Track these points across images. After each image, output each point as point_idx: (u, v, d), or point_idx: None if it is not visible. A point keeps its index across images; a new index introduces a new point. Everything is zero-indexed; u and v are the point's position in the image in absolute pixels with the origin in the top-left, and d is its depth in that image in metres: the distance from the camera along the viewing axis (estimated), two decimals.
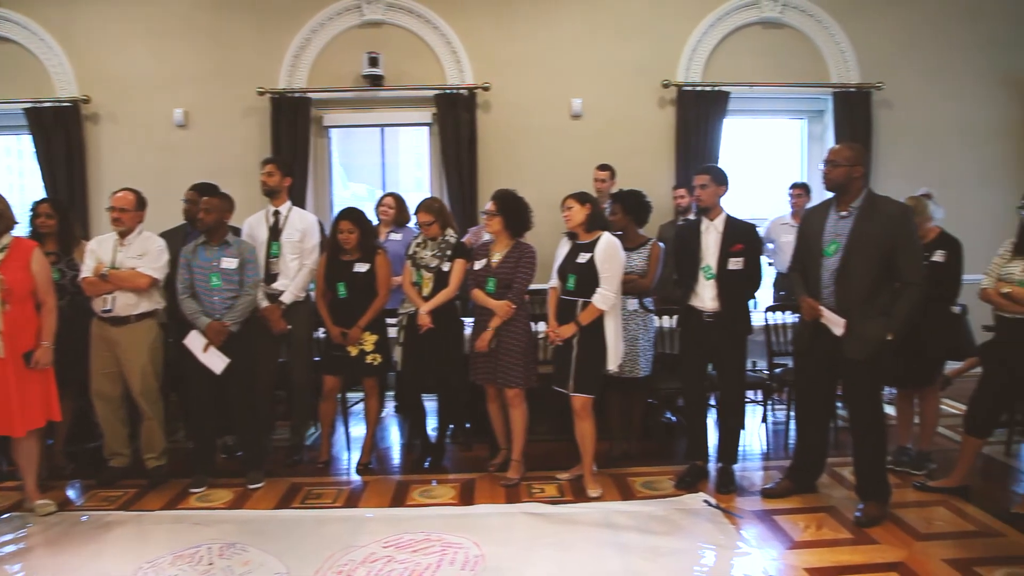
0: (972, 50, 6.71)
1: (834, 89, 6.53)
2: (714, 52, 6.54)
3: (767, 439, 4.93)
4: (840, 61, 6.60)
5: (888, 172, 6.54)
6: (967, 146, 6.74)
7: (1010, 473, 4.39)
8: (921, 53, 6.66)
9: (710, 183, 3.94)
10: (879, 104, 6.59)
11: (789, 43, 6.61)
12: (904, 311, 3.45)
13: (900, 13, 6.62)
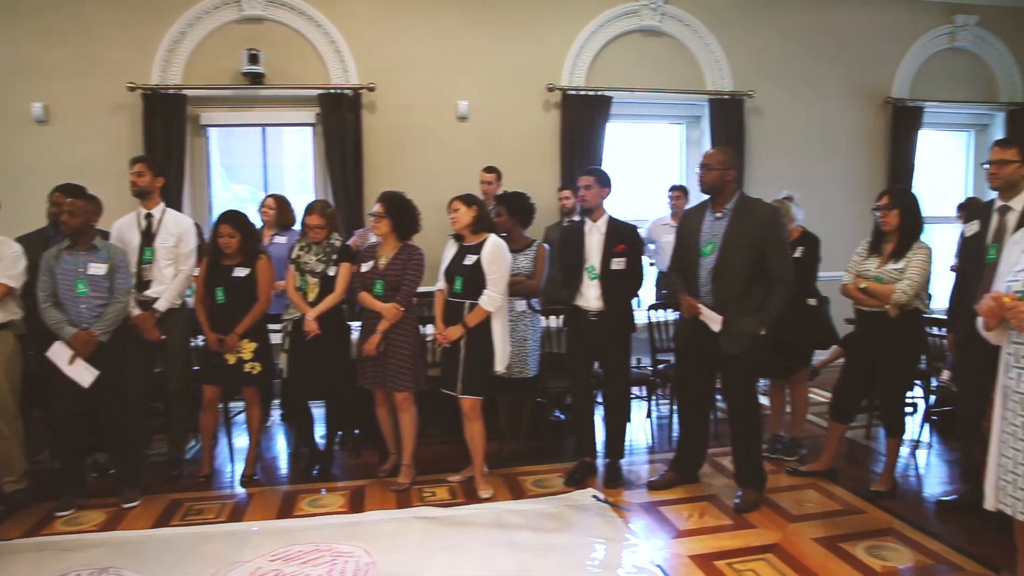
0: (835, 63, 7.20)
1: (709, 96, 6.84)
2: (597, 58, 6.70)
3: (652, 433, 5.11)
4: (715, 69, 6.92)
5: (759, 175, 6.91)
6: (830, 152, 7.22)
7: (870, 455, 4.73)
8: (789, 65, 7.09)
9: (594, 185, 4.03)
10: (751, 111, 6.95)
11: (668, 51, 6.87)
12: (775, 307, 3.65)
13: (770, 26, 7.02)
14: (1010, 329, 2.14)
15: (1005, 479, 2.16)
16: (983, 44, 7.55)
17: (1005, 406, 2.17)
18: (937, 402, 4.95)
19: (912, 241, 3.78)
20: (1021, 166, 3.23)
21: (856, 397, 4.18)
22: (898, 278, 3.73)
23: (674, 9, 6.76)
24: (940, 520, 3.69)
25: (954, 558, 3.24)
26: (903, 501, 3.92)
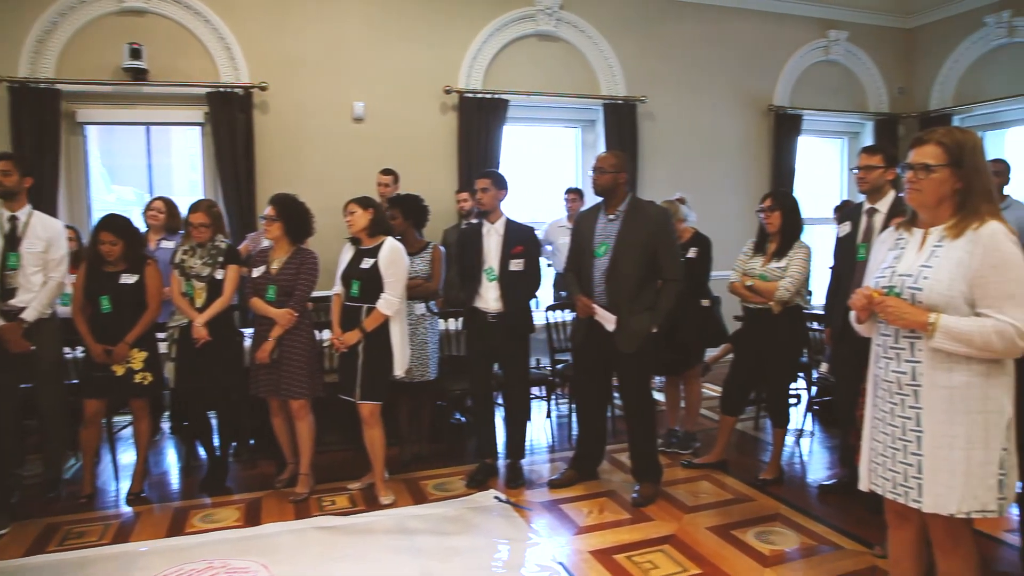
0: (722, 72, 7.52)
1: (604, 101, 7.00)
2: (494, 61, 6.73)
3: (552, 432, 5.17)
4: (609, 75, 7.09)
5: (652, 178, 7.13)
6: (718, 156, 7.53)
7: (758, 445, 4.96)
8: (679, 72, 7.35)
9: (491, 187, 4.05)
10: (643, 116, 7.16)
11: (563, 56, 6.99)
12: (666, 305, 3.77)
13: (661, 35, 7.26)
14: (878, 322, 2.28)
15: (876, 461, 2.30)
16: (853, 58, 8.07)
17: (875, 393, 2.31)
18: (818, 393, 5.24)
19: (793, 241, 3.99)
20: (885, 171, 3.46)
21: (744, 391, 4.37)
22: (781, 276, 3.93)
23: (569, 15, 6.88)
24: (822, 503, 3.91)
25: (834, 538, 3.44)
26: (789, 487, 4.14)
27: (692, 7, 7.34)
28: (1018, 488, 2.34)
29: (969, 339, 2.04)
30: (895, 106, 8.25)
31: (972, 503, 2.10)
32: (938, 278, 2.11)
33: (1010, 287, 2.04)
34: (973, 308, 2.08)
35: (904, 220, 2.33)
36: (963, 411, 2.10)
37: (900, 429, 2.21)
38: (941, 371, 2.12)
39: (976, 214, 2.12)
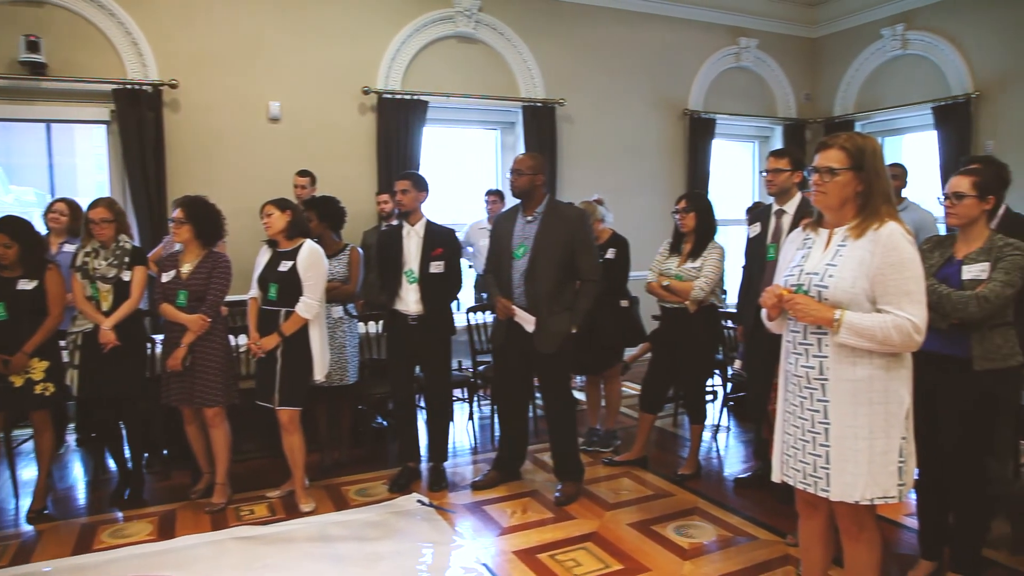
0: (639, 76, 7.68)
1: (523, 103, 7.04)
2: (413, 62, 6.68)
3: (475, 434, 5.16)
4: (528, 77, 7.13)
5: (571, 180, 7.22)
6: (635, 158, 7.68)
7: (677, 441, 5.08)
8: (597, 76, 7.45)
9: (411, 189, 4.02)
10: (562, 119, 7.24)
11: (483, 58, 6.99)
12: (585, 306, 3.82)
13: (578, 38, 7.35)
14: (788, 319, 2.38)
15: (788, 453, 2.39)
16: (763, 65, 8.37)
17: (786, 388, 2.41)
18: (733, 389, 5.41)
19: (707, 241, 4.10)
20: (792, 174, 3.61)
21: (663, 388, 4.47)
22: (696, 276, 4.03)
23: (488, 17, 6.90)
24: (738, 496, 4.04)
25: (750, 529, 3.56)
26: (706, 481, 4.26)
27: (609, 12, 7.47)
28: (915, 475, 2.47)
29: (871, 334, 2.14)
30: (802, 111, 8.61)
31: (875, 490, 2.21)
32: (842, 276, 2.21)
33: (907, 285, 2.15)
34: (874, 304, 2.19)
35: (811, 221, 2.43)
36: (866, 403, 2.21)
37: (809, 422, 2.30)
38: (846, 365, 2.22)
39: (876, 215, 2.23)
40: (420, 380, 4.40)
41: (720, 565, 3.21)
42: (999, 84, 6.85)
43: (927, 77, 7.45)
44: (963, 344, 2.69)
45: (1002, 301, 2.61)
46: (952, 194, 2.76)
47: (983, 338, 2.67)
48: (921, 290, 2.18)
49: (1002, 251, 2.68)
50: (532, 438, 4.58)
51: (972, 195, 2.72)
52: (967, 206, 2.74)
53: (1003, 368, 2.68)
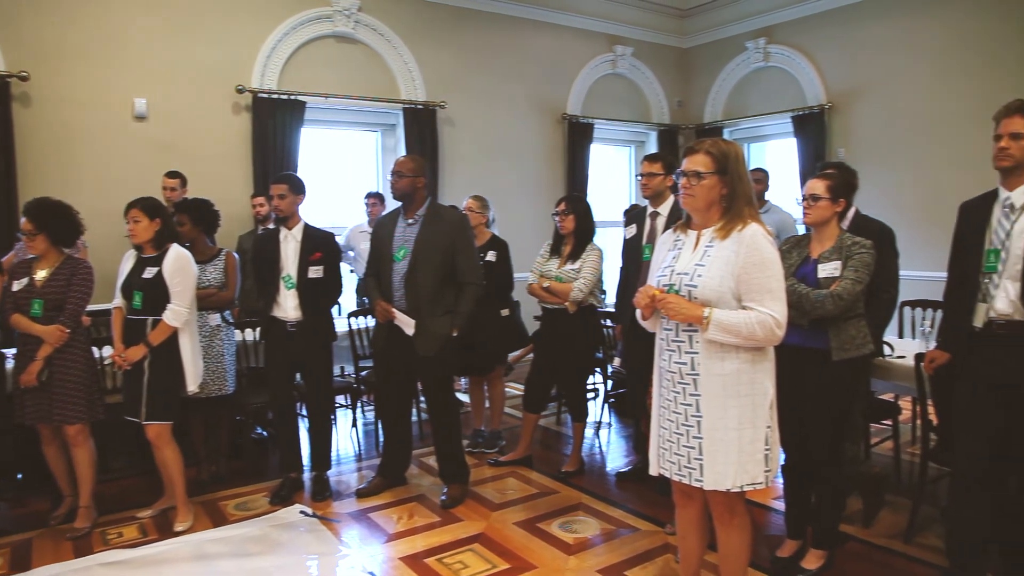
0: (519, 80, 7.77)
1: (404, 105, 6.98)
2: (290, 61, 6.49)
3: (359, 441, 5.06)
4: (409, 79, 7.08)
5: (452, 183, 7.22)
6: (516, 162, 7.78)
7: (561, 439, 5.18)
8: (478, 79, 7.50)
9: (287, 193, 3.91)
10: (443, 121, 7.24)
11: (363, 58, 6.88)
12: (465, 308, 3.83)
13: (460, 42, 7.36)
14: (661, 318, 2.47)
15: (663, 447, 2.49)
16: (638, 72, 8.68)
17: (661, 384, 2.50)
18: (613, 386, 5.57)
19: (586, 243, 4.21)
20: (665, 178, 3.76)
21: (545, 388, 4.54)
22: (575, 277, 4.13)
23: (367, 17, 6.80)
24: (620, 489, 4.16)
25: (632, 521, 3.68)
26: (589, 477, 4.36)
27: (490, 16, 7.54)
28: (781, 460, 2.63)
29: (737, 330, 2.26)
30: (675, 118, 8.98)
31: (744, 477, 2.33)
32: (710, 275, 2.32)
33: (769, 283, 2.29)
34: (740, 302, 2.31)
35: (680, 223, 2.55)
36: (734, 395, 2.33)
37: (683, 415, 2.40)
38: (715, 360, 2.33)
39: (740, 217, 2.35)
40: (301, 388, 4.28)
41: (604, 558, 3.30)
42: (849, 97, 7.39)
43: (787, 88, 7.95)
44: (822, 337, 2.90)
45: (854, 297, 2.85)
46: (809, 196, 3.00)
47: (839, 331, 2.89)
48: (781, 287, 2.32)
49: (851, 249, 2.91)
50: (417, 442, 4.55)
51: (826, 197, 2.96)
52: (822, 207, 2.97)
53: (857, 357, 2.92)
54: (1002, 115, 2.65)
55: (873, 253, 2.91)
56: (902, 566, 3.18)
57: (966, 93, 6.36)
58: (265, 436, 5.10)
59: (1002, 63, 6.18)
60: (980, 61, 6.34)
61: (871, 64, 7.18)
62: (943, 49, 6.61)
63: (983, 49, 6.34)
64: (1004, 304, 2.61)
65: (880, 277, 3.17)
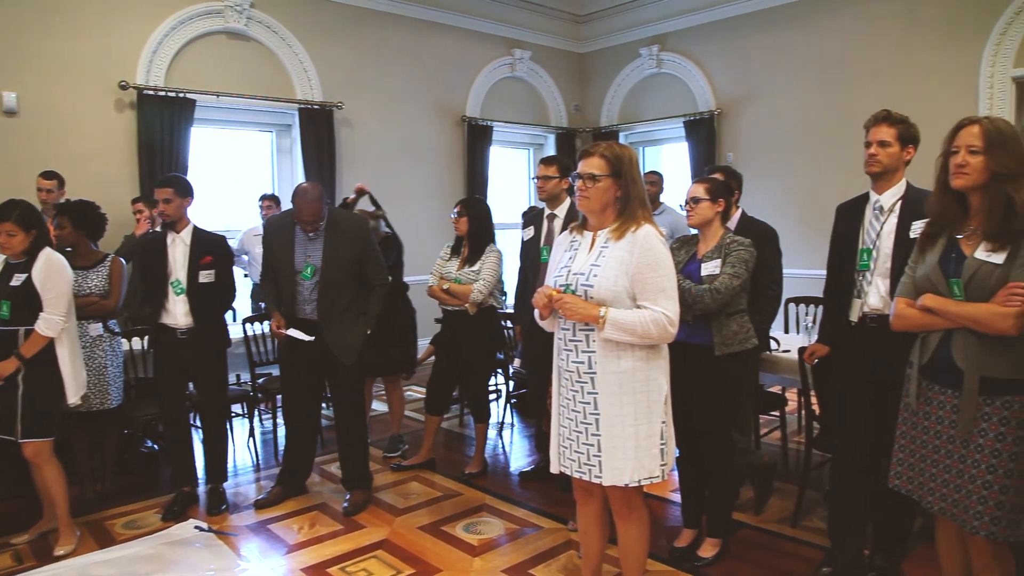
0: (418, 81, 7.72)
1: (299, 105, 6.81)
2: (178, 56, 6.20)
3: (257, 451, 4.90)
4: (304, 79, 6.91)
5: (351, 185, 7.04)
6: (416, 163, 7.72)
7: (464, 441, 5.18)
8: (376, 80, 7.40)
9: (174, 196, 3.74)
10: (340, 122, 7.10)
11: (256, 56, 6.66)
12: (375, 309, 3.85)
13: (357, 41, 7.24)
14: (559, 318, 2.52)
15: (564, 445, 2.53)
16: (536, 76, 8.79)
17: (560, 383, 2.55)
18: (515, 387, 5.62)
19: (485, 245, 4.23)
20: (561, 181, 3.83)
21: (447, 390, 4.54)
22: (474, 279, 4.14)
23: (261, 14, 6.59)
24: (523, 489, 4.20)
25: (535, 520, 3.72)
26: (493, 478, 4.38)
27: (387, 17, 7.45)
28: (676, 454, 2.72)
29: (632, 329, 2.33)
30: (572, 121, 9.15)
31: (641, 472, 2.40)
32: (605, 275, 2.38)
33: (662, 282, 2.36)
34: (634, 301, 2.37)
35: (577, 224, 2.60)
36: (630, 392, 2.39)
37: (582, 414, 2.45)
38: (612, 359, 2.39)
39: (634, 219, 2.42)
40: (193, 397, 4.11)
41: (509, 557, 3.32)
42: (737, 103, 7.73)
43: (679, 94, 8.23)
44: (706, 333, 3.03)
45: (732, 292, 2.98)
46: (691, 199, 3.13)
47: (721, 326, 3.03)
48: (674, 286, 2.40)
49: (730, 248, 3.06)
50: (320, 449, 4.45)
51: (706, 199, 3.10)
52: (703, 209, 3.11)
53: (740, 351, 3.05)
54: (871, 124, 2.84)
55: (752, 251, 3.06)
56: (791, 549, 3.35)
57: (842, 102, 6.77)
58: (156, 449, 4.86)
59: (874, 75, 6.62)
60: (854, 72, 6.77)
61: (757, 73, 7.53)
62: (822, 61, 7.02)
63: (857, 62, 6.77)
64: (876, 299, 2.79)
65: (765, 275, 3.34)
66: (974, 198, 2.23)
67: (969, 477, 2.19)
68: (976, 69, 6.13)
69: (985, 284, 2.15)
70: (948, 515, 2.27)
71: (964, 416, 2.18)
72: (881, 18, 6.61)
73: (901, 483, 2.42)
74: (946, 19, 6.26)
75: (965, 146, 2.19)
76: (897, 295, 2.42)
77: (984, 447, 2.16)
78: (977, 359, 2.16)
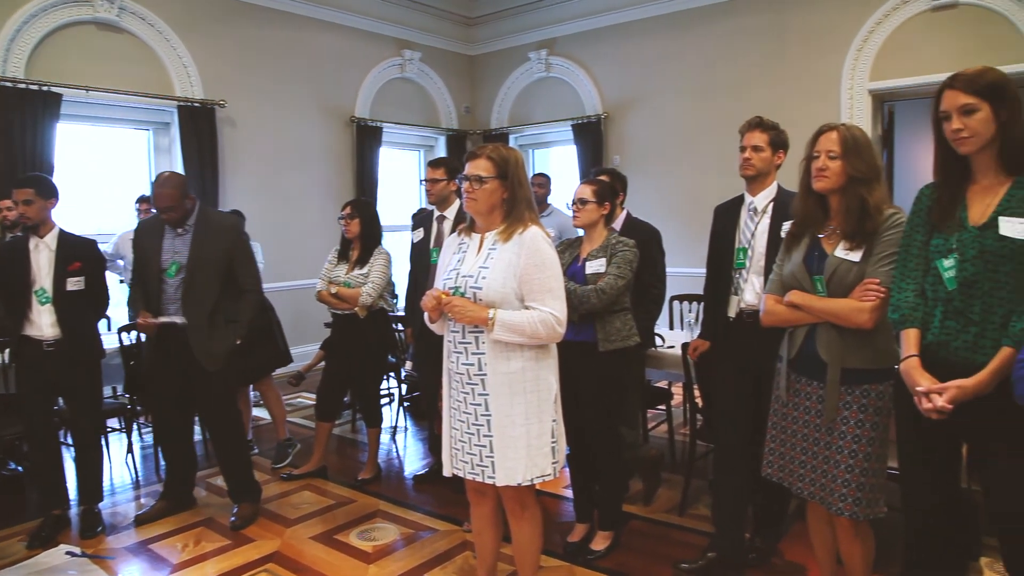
0: (306, 81, 7.52)
1: (178, 102, 6.50)
2: (41, 47, 5.78)
3: (136, 467, 4.63)
4: (184, 75, 6.60)
5: (235, 186, 6.86)
6: (303, 164, 7.52)
7: (357, 447, 5.10)
8: (261, 78, 7.15)
9: (35, 197, 3.49)
10: (223, 121, 6.83)
11: (131, 50, 6.29)
12: (247, 316, 3.67)
13: (241, 38, 6.98)
14: (448, 320, 2.52)
15: (456, 447, 2.54)
16: (426, 77, 8.75)
17: (451, 385, 2.55)
18: (407, 390, 5.57)
19: (374, 247, 4.18)
20: (449, 183, 3.84)
21: (339, 395, 4.46)
22: (364, 282, 4.09)
23: (135, 6, 6.23)
24: (418, 492, 4.18)
25: (430, 523, 3.71)
26: (387, 483, 4.34)
27: (274, 13, 7.22)
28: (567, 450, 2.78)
29: (521, 329, 2.36)
30: (463, 123, 9.16)
31: (534, 471, 2.44)
32: (494, 277, 2.40)
33: (549, 283, 2.41)
34: (523, 302, 2.41)
35: (465, 226, 2.61)
36: (521, 392, 2.42)
37: (473, 415, 2.46)
38: (501, 360, 2.41)
39: (521, 220, 2.45)
40: (63, 413, 3.85)
41: (404, 563, 3.30)
42: (623, 107, 7.96)
43: (567, 98, 8.39)
44: (591, 331, 3.11)
45: (617, 292, 3.08)
46: (578, 200, 3.21)
47: (604, 324, 3.12)
48: (560, 287, 2.45)
49: (615, 248, 3.15)
50: (203, 462, 4.26)
51: (593, 201, 3.18)
52: (589, 211, 3.19)
53: (623, 348, 3.15)
54: (745, 129, 2.99)
55: (635, 251, 3.17)
56: (678, 537, 3.48)
57: (719, 109, 7.09)
58: (20, 471, 4.51)
59: (748, 84, 6.98)
60: (730, 81, 7.12)
61: (642, 79, 7.78)
62: (701, 69, 7.34)
63: (733, 71, 7.12)
64: (751, 296, 2.94)
65: (649, 274, 3.46)
66: (833, 200, 2.39)
67: (834, 463, 2.34)
68: (838, 81, 6.59)
69: (844, 281, 2.31)
70: (816, 499, 2.42)
71: (828, 406, 2.34)
72: (753, 31, 6.98)
73: (772, 472, 2.56)
74: (811, 34, 6.69)
75: (825, 151, 2.34)
76: (766, 292, 2.56)
77: (846, 434, 2.32)
78: (839, 352, 2.31)
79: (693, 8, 7.34)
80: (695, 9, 7.33)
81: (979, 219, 2.01)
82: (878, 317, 2.24)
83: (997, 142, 1.97)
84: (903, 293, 2.14)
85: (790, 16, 6.79)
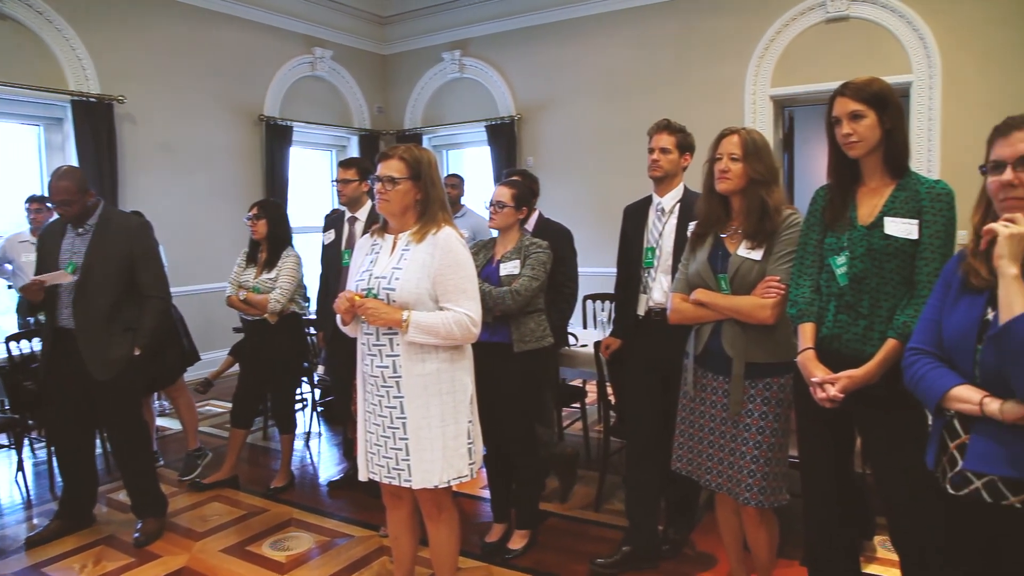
0: (212, 78, 7.24)
1: (72, 97, 6.16)
2: None
3: (27, 485, 4.36)
4: (78, 68, 6.26)
5: (137, 186, 6.56)
6: (209, 164, 7.25)
7: (269, 454, 4.96)
8: (164, 74, 6.84)
9: None
10: (122, 118, 6.51)
11: (17, 39, 5.89)
12: (149, 324, 3.48)
13: (142, 31, 6.65)
14: (361, 323, 2.48)
15: (371, 451, 2.51)
16: (338, 76, 8.59)
17: (365, 388, 2.51)
18: (321, 394, 5.46)
19: (282, 249, 4.07)
20: (360, 183, 3.78)
21: (252, 402, 4.32)
22: (273, 286, 3.97)
23: None
24: (333, 499, 4.10)
25: (347, 529, 3.65)
26: (301, 490, 4.24)
27: (175, 5, 6.92)
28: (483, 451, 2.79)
29: (436, 331, 2.35)
30: (376, 123, 9.05)
31: (450, 472, 2.43)
32: (407, 278, 2.39)
33: (463, 283, 2.41)
34: (437, 303, 2.40)
35: (378, 227, 2.58)
36: (436, 394, 2.42)
37: (388, 419, 2.44)
38: (416, 362, 2.40)
39: (434, 221, 2.45)
40: None
41: (320, 571, 3.23)
42: (536, 109, 8.04)
43: (481, 99, 8.40)
44: (506, 331, 3.13)
45: (531, 293, 3.11)
46: (496, 202, 3.22)
47: (519, 325, 3.14)
48: (475, 287, 2.46)
49: (528, 250, 3.18)
50: (104, 476, 4.05)
51: (511, 205, 3.20)
52: (506, 214, 3.21)
53: (538, 349, 3.19)
54: (653, 132, 3.07)
55: (549, 253, 3.20)
56: (595, 532, 3.54)
57: (628, 112, 7.25)
58: None
59: (656, 88, 7.16)
60: (639, 85, 7.29)
61: (554, 81, 7.87)
62: (610, 73, 7.48)
63: (641, 75, 7.29)
64: (659, 295, 3.02)
65: (562, 274, 3.50)
66: (735, 201, 2.48)
67: (740, 454, 2.44)
68: (741, 87, 6.84)
69: (747, 279, 2.41)
70: (724, 490, 2.51)
71: (733, 399, 2.43)
72: (661, 37, 7.18)
73: (682, 465, 2.64)
74: (716, 42, 6.92)
75: (727, 154, 2.43)
76: (672, 291, 2.64)
77: (751, 426, 2.41)
78: (743, 347, 2.41)
79: (603, 13, 7.48)
80: (605, 14, 7.47)
81: (867, 219, 2.13)
82: (779, 313, 2.34)
83: (882, 147, 2.11)
84: (800, 289, 2.25)
85: (696, 24, 7.00)
